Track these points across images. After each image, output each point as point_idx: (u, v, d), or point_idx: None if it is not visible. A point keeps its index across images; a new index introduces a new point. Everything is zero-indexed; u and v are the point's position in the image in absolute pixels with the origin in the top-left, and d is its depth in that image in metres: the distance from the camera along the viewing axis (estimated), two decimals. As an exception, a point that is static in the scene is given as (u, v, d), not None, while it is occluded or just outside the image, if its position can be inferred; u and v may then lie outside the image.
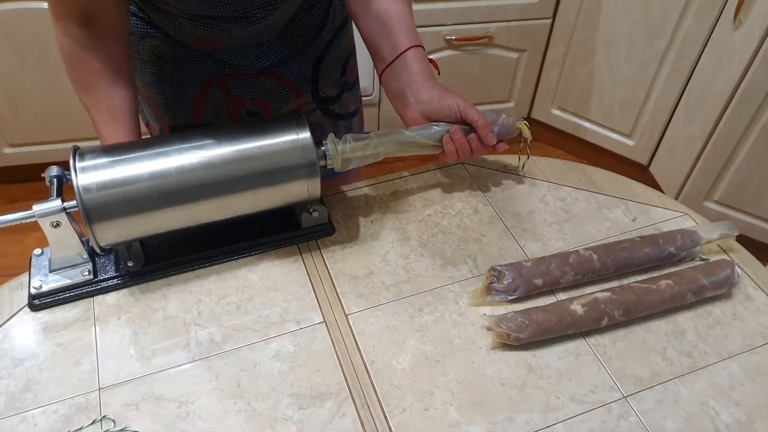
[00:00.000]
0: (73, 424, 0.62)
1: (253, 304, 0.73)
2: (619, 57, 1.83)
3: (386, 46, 0.83)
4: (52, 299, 0.72)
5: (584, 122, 2.05)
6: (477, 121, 0.78)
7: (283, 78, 0.88)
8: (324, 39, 0.90)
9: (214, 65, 0.84)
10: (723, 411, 0.64)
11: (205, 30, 0.78)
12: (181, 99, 0.87)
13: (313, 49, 0.90)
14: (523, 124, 0.84)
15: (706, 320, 0.73)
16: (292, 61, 0.88)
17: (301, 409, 0.63)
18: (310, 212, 0.79)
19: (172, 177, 0.67)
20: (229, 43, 0.82)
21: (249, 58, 0.85)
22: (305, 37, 0.88)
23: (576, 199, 0.87)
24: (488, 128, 0.79)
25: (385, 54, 0.83)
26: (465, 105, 0.79)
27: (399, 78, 0.82)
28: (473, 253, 0.79)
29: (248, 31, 0.80)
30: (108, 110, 0.75)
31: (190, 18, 0.76)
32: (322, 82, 0.93)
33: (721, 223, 0.80)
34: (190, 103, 0.87)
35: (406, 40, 0.82)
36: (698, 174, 1.76)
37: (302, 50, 0.88)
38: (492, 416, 0.63)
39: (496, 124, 0.81)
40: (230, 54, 0.84)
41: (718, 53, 1.60)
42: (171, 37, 0.81)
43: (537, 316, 0.68)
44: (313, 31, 0.88)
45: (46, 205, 0.66)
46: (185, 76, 0.85)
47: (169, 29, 0.80)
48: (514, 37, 1.92)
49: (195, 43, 0.81)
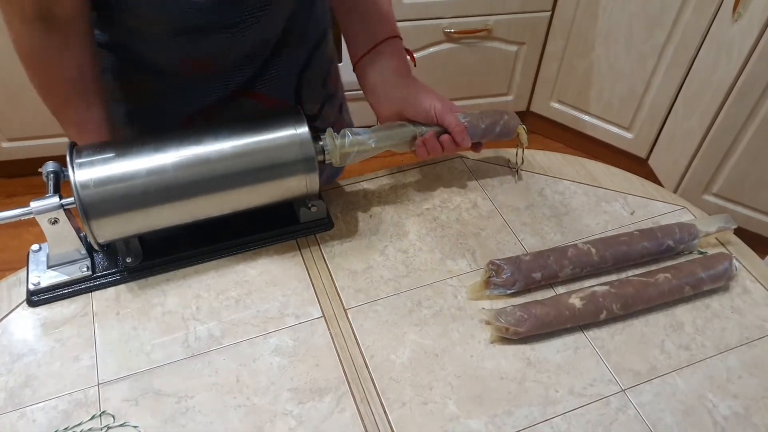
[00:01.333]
0: (73, 420, 0.62)
1: (252, 299, 0.73)
2: (618, 50, 1.83)
3: (362, 35, 0.80)
4: (51, 295, 0.72)
5: (583, 115, 2.05)
6: (454, 127, 0.78)
7: (268, 98, 0.85)
8: (307, 48, 0.87)
9: (196, 96, 0.81)
10: (721, 404, 0.64)
11: (192, 45, 0.74)
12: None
13: (296, 62, 0.86)
14: (521, 129, 0.84)
15: (704, 313, 0.73)
16: (275, 77, 0.85)
17: (301, 403, 0.64)
18: (309, 207, 0.78)
19: (170, 173, 0.67)
20: (216, 60, 0.78)
21: (234, 78, 0.81)
22: (288, 47, 0.84)
23: (574, 193, 0.87)
24: (464, 134, 0.78)
25: (360, 44, 0.80)
26: (442, 109, 0.77)
27: (374, 71, 0.79)
28: (472, 247, 0.79)
29: (236, 43, 0.76)
30: (78, 126, 0.73)
31: (175, 33, 0.72)
32: (305, 97, 0.90)
33: (718, 216, 0.81)
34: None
35: (383, 30, 0.79)
36: (697, 167, 1.76)
37: (286, 65, 0.85)
38: (491, 410, 0.63)
39: (497, 125, 0.81)
40: (215, 79, 0.80)
41: (717, 46, 1.60)
42: (152, 71, 0.77)
43: (535, 309, 0.68)
44: (296, 39, 0.85)
45: (43, 202, 0.66)
46: (166, 110, 0.81)
47: (153, 55, 0.76)
48: (513, 30, 1.91)
49: (181, 66, 0.77)
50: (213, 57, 0.77)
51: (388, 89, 0.79)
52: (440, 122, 0.78)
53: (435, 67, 1.95)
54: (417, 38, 1.87)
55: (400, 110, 0.79)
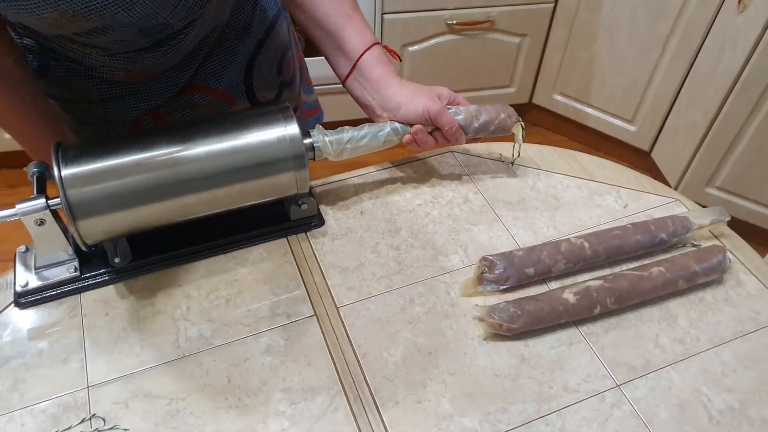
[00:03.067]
0: (62, 424, 0.61)
1: (243, 298, 0.72)
2: (622, 41, 1.82)
3: (338, 56, 0.80)
4: (39, 297, 0.71)
5: (586, 107, 2.04)
6: (447, 129, 0.78)
7: (213, 89, 0.83)
8: (254, 40, 0.85)
9: (144, 99, 0.79)
10: (716, 398, 0.64)
11: (131, 63, 0.73)
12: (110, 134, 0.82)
13: (243, 53, 0.84)
14: (518, 126, 0.83)
15: (698, 306, 0.73)
16: (220, 69, 0.83)
17: (293, 404, 0.63)
18: (299, 204, 0.78)
19: (159, 171, 0.66)
20: (159, 68, 0.76)
21: (177, 77, 0.79)
22: (231, 40, 0.82)
23: (567, 187, 0.87)
24: (457, 134, 0.79)
25: (341, 65, 0.80)
26: (436, 112, 0.76)
27: (362, 87, 0.79)
28: (464, 243, 0.79)
29: (173, 53, 0.74)
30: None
31: (111, 56, 0.71)
32: (257, 86, 0.88)
33: (712, 208, 0.80)
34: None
35: (356, 44, 0.78)
36: (700, 160, 1.75)
37: (230, 56, 0.83)
38: (485, 407, 0.63)
39: (492, 123, 0.81)
40: (159, 81, 0.78)
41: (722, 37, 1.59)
42: (95, 78, 0.76)
43: (529, 305, 0.68)
44: (239, 33, 0.82)
45: (29, 204, 0.64)
46: (114, 115, 0.80)
47: (95, 67, 0.74)
48: (515, 22, 1.91)
49: (126, 76, 0.76)
50: (155, 67, 0.76)
51: (380, 102, 0.79)
52: (434, 123, 0.78)
53: (437, 59, 1.94)
54: (419, 30, 1.86)
55: (396, 119, 0.79)
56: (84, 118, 0.81)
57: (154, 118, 0.82)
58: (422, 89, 0.78)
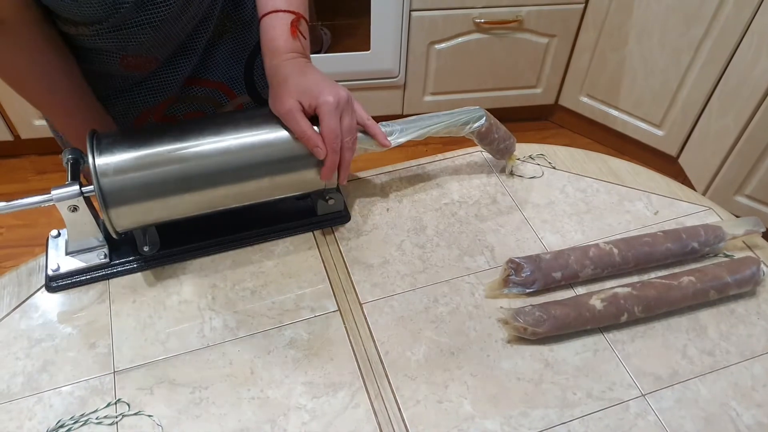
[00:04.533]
0: (88, 407, 0.62)
1: (268, 290, 0.73)
2: (653, 44, 1.79)
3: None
4: (69, 281, 0.72)
5: (613, 111, 2.01)
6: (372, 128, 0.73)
7: (212, 81, 0.81)
8: (255, 36, 0.81)
9: (144, 95, 0.78)
10: (745, 412, 0.63)
11: (124, 42, 0.70)
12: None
13: (244, 46, 0.82)
14: (513, 159, 0.87)
15: (728, 318, 0.71)
16: (220, 61, 0.81)
17: (315, 397, 0.63)
18: (326, 200, 0.78)
19: (190, 162, 0.66)
20: (154, 52, 0.74)
21: (177, 70, 0.78)
22: (231, 32, 0.80)
23: (597, 191, 0.86)
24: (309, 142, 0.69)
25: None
26: (281, 114, 0.68)
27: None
28: (491, 244, 0.78)
29: (165, 27, 0.71)
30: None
31: (99, 34, 0.68)
32: (260, 83, 0.86)
33: (747, 218, 0.78)
34: None
35: (265, 5, 0.72)
36: (730, 167, 1.71)
37: (230, 48, 0.81)
38: (507, 411, 0.62)
39: (504, 142, 0.83)
40: (159, 75, 0.77)
41: (758, 41, 1.55)
42: (92, 72, 0.74)
43: (555, 310, 0.67)
44: (239, 25, 0.81)
45: (63, 190, 0.65)
46: (114, 113, 0.79)
47: (95, 59, 0.72)
48: (544, 22, 1.88)
49: (121, 64, 0.73)
50: (148, 50, 0.73)
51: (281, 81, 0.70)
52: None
53: (463, 58, 1.93)
54: (446, 28, 1.85)
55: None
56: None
57: (159, 116, 0.82)
58: (296, 83, 0.67)
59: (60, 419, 0.61)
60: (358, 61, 1.87)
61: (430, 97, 2.02)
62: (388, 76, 1.93)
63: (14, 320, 0.69)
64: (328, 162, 0.68)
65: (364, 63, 1.88)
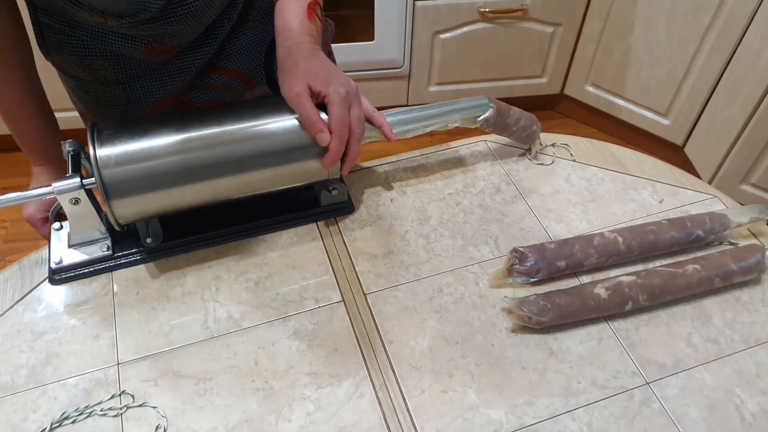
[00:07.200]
0: (93, 399, 0.62)
1: (272, 281, 0.72)
2: (659, 33, 1.77)
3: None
4: (72, 274, 0.72)
5: (619, 100, 2.00)
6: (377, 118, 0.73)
7: (232, 70, 0.80)
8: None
9: (163, 80, 0.77)
10: (749, 399, 0.63)
11: (150, 31, 0.70)
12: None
13: (265, 36, 0.81)
14: (537, 143, 0.88)
15: (733, 306, 0.71)
16: (241, 50, 0.80)
17: (319, 388, 0.63)
18: (330, 190, 0.77)
19: (192, 153, 0.66)
20: (178, 40, 0.73)
21: (198, 57, 0.77)
22: (253, 21, 0.80)
23: (601, 180, 0.85)
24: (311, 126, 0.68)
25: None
26: (290, 97, 0.67)
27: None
28: (495, 234, 0.78)
29: (190, 18, 0.70)
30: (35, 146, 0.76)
31: (128, 25, 0.68)
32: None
33: (752, 206, 0.78)
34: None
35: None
36: (736, 155, 1.70)
37: (252, 38, 0.80)
38: (511, 400, 0.62)
39: (526, 130, 0.83)
40: (179, 61, 0.76)
41: (764, 30, 1.54)
42: (114, 56, 0.74)
43: (559, 299, 0.67)
44: (262, 14, 0.80)
45: (64, 182, 0.65)
46: (133, 96, 0.78)
47: (117, 42, 0.72)
48: (549, 11, 1.87)
49: (144, 51, 0.73)
50: (175, 39, 0.73)
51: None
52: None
53: (468, 48, 1.92)
54: (451, 17, 1.84)
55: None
56: (102, 100, 0.80)
57: (176, 103, 0.81)
58: (302, 69, 0.67)
59: (65, 411, 0.61)
60: (363, 51, 1.86)
61: (435, 87, 2.01)
62: (393, 67, 1.93)
63: (18, 313, 0.69)
64: (332, 150, 0.67)
65: (368, 53, 1.87)
